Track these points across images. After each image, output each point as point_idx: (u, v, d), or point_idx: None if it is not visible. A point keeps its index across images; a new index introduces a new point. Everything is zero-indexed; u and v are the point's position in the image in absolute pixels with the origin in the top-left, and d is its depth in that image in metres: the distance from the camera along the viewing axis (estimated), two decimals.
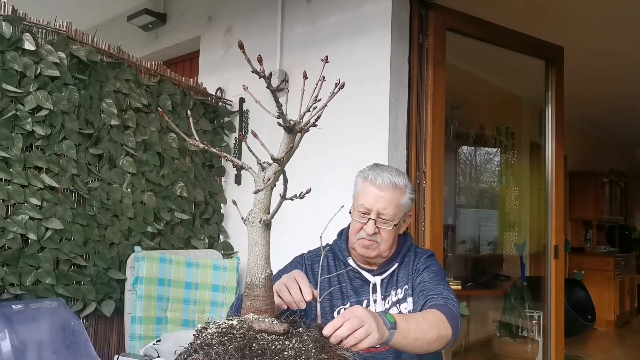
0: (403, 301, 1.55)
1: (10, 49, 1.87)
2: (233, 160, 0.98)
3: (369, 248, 1.52)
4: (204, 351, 0.85)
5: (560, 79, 2.97)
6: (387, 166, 1.60)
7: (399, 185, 1.52)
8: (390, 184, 1.50)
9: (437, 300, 1.40)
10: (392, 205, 1.50)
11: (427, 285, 1.49)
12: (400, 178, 1.53)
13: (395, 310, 1.53)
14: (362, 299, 1.55)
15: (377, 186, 1.50)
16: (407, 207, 1.56)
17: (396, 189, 1.51)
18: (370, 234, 1.50)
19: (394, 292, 1.56)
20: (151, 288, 2.19)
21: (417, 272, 1.57)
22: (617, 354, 5.14)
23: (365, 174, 1.56)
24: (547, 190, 2.95)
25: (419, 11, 2.43)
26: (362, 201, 1.52)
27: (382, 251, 1.53)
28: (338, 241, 1.66)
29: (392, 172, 1.54)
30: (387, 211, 1.49)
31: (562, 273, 2.95)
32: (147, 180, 2.39)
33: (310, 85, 0.90)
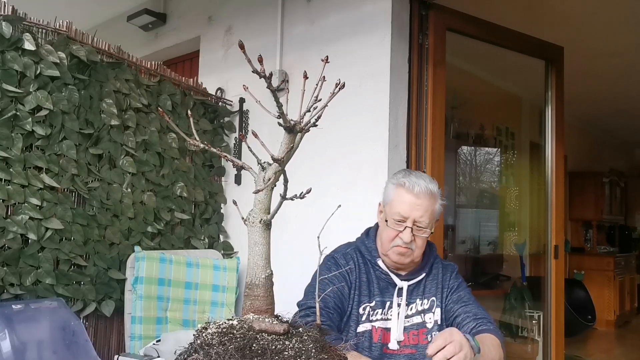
0: (428, 312, 1.58)
1: (10, 49, 1.87)
2: (233, 160, 0.98)
3: (404, 255, 1.53)
4: (204, 351, 0.85)
5: (560, 79, 2.97)
6: (419, 172, 1.59)
7: (434, 192, 1.53)
8: (427, 192, 1.50)
9: (487, 326, 1.48)
10: (428, 212, 1.51)
11: (471, 308, 1.55)
12: (433, 185, 1.54)
13: (419, 319, 1.57)
14: (386, 300, 1.56)
15: (415, 194, 1.50)
16: (438, 214, 1.57)
17: (432, 197, 1.52)
18: (408, 242, 1.50)
19: (419, 300, 1.59)
20: (151, 288, 2.19)
21: (451, 290, 1.61)
22: (617, 354, 5.14)
23: (400, 181, 1.54)
24: (547, 190, 2.95)
25: (419, 11, 2.43)
26: (398, 209, 1.51)
27: (415, 257, 1.55)
28: (366, 240, 1.65)
29: (426, 178, 1.54)
30: (423, 219, 1.50)
31: (562, 273, 2.95)
32: (147, 180, 2.39)
33: (310, 85, 0.90)
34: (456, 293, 1.60)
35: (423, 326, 1.57)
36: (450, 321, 1.57)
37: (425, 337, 1.57)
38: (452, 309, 1.58)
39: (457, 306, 1.56)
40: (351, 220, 2.25)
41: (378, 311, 1.55)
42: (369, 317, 1.55)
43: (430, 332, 1.57)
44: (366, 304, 1.56)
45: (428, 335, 1.56)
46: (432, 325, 1.58)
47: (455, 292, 1.60)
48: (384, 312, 1.55)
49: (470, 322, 1.50)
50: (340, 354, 0.94)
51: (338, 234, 1.73)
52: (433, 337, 1.54)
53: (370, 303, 1.56)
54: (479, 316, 1.51)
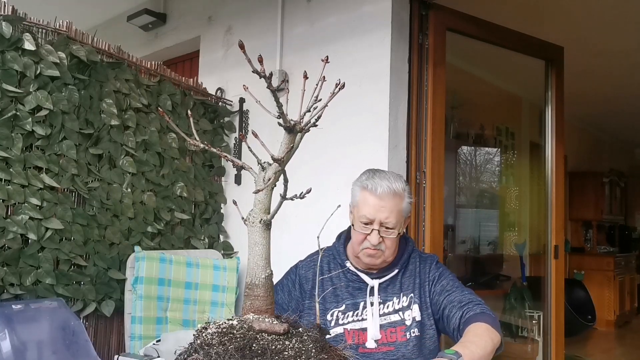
0: (407, 309, 1.55)
1: (10, 49, 1.87)
2: (233, 160, 0.98)
3: (374, 257, 1.51)
4: (204, 351, 0.85)
5: (560, 79, 2.97)
6: (384, 172, 1.56)
7: (399, 191, 1.50)
8: (390, 192, 1.48)
9: (474, 311, 1.43)
10: (394, 213, 1.48)
11: (455, 295, 1.50)
12: (398, 183, 1.51)
13: (397, 317, 1.55)
14: (359, 300, 1.55)
15: (378, 196, 1.48)
16: (407, 212, 1.55)
17: (396, 196, 1.49)
18: (375, 244, 1.48)
19: (396, 299, 1.56)
20: (151, 288, 2.19)
21: (432, 282, 1.57)
22: (617, 354, 5.14)
23: (363, 183, 1.52)
24: (547, 190, 2.95)
25: (419, 11, 2.43)
26: (364, 212, 1.49)
27: (386, 257, 1.53)
28: (337, 244, 1.66)
29: (389, 178, 1.51)
30: (389, 220, 1.48)
31: (562, 273, 2.95)
32: (147, 180, 2.39)
33: (310, 85, 0.90)
34: (439, 284, 1.56)
35: (402, 323, 1.55)
36: (440, 315, 1.53)
37: (403, 334, 1.54)
38: (437, 302, 1.54)
39: (442, 297, 1.53)
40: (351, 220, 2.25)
41: (349, 314, 1.54)
42: (338, 321, 1.54)
43: (409, 330, 1.54)
44: (334, 309, 1.55)
45: (407, 333, 1.54)
46: (411, 322, 1.54)
47: (438, 282, 1.57)
48: (356, 314, 1.54)
49: (457, 312, 1.46)
50: (340, 354, 0.94)
51: (338, 234, 1.73)
52: (412, 334, 1.53)
53: (339, 307, 1.55)
54: (464, 302, 1.47)
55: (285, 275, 1.69)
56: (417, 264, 1.61)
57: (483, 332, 1.34)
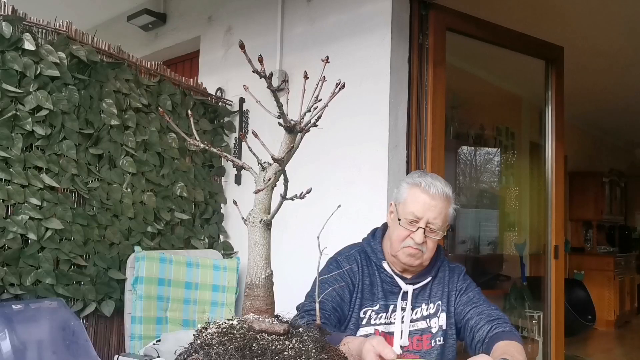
0: (434, 316, 1.55)
1: (10, 49, 1.87)
2: (234, 160, 0.98)
3: (414, 257, 1.50)
4: (204, 351, 0.85)
5: (560, 79, 2.97)
6: (434, 174, 1.56)
7: (449, 195, 1.51)
8: (443, 194, 1.49)
9: (503, 327, 1.43)
10: (442, 215, 1.48)
11: (483, 308, 1.51)
12: (449, 188, 1.52)
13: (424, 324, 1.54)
14: (390, 303, 1.54)
15: (431, 195, 1.47)
16: (451, 218, 1.55)
17: (447, 199, 1.50)
18: (419, 243, 1.47)
19: (425, 305, 1.56)
20: (151, 288, 2.19)
21: (459, 292, 1.58)
22: (617, 354, 5.14)
23: (416, 181, 1.51)
24: (547, 190, 2.95)
25: (419, 11, 2.43)
26: (412, 209, 1.48)
27: (425, 260, 1.52)
28: (372, 242, 1.62)
29: (441, 180, 1.52)
30: (437, 221, 1.48)
31: (562, 273, 2.95)
32: (147, 180, 2.39)
33: (310, 85, 0.90)
34: (465, 294, 1.57)
35: (428, 331, 1.54)
36: (462, 324, 1.53)
37: (429, 342, 1.54)
38: (462, 312, 1.54)
39: (468, 308, 1.53)
40: (351, 220, 2.25)
41: (382, 315, 1.53)
42: (370, 320, 1.52)
43: (435, 338, 1.54)
44: (368, 307, 1.53)
45: (432, 341, 1.54)
46: (437, 330, 1.54)
47: (464, 293, 1.58)
48: (387, 316, 1.53)
49: (485, 325, 1.46)
50: (340, 353, 0.94)
51: (338, 234, 1.72)
52: (437, 342, 1.53)
53: (374, 307, 1.53)
54: (493, 317, 1.47)
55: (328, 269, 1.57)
56: (446, 273, 1.61)
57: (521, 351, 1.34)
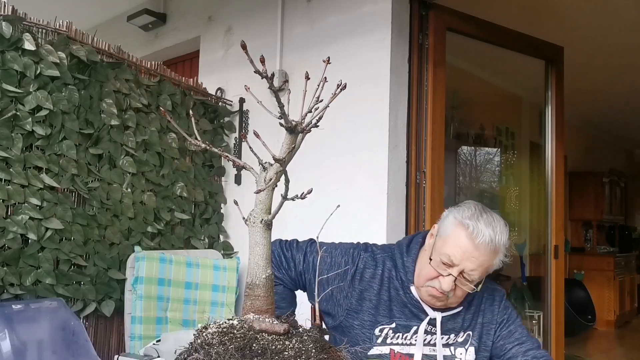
0: (460, 346, 1.41)
1: (10, 49, 1.87)
2: (234, 160, 0.97)
3: (436, 299, 1.33)
4: (204, 351, 0.85)
5: (560, 79, 2.97)
6: (492, 216, 1.32)
7: (498, 246, 1.29)
8: (490, 245, 1.27)
9: None
10: (483, 268, 1.29)
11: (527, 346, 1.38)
12: (501, 236, 1.29)
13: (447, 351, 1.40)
14: (413, 324, 1.39)
15: (475, 244, 1.26)
16: (495, 268, 1.34)
17: (493, 252, 1.28)
18: (446, 291, 1.29)
19: (454, 335, 1.41)
20: (151, 288, 2.19)
21: (500, 325, 1.42)
22: (617, 354, 5.14)
23: (464, 221, 1.30)
24: (547, 190, 2.95)
25: (419, 11, 2.44)
26: (449, 251, 1.28)
27: (449, 304, 1.36)
28: (405, 257, 1.43)
29: (495, 228, 1.29)
30: (474, 273, 1.28)
31: (562, 273, 2.95)
32: (147, 180, 2.39)
33: (310, 85, 0.90)
34: (506, 328, 1.42)
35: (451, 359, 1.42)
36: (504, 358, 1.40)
37: None
38: (503, 347, 1.40)
39: (510, 345, 1.39)
40: (351, 220, 2.25)
41: (399, 335, 1.39)
42: (386, 340, 1.39)
43: None
44: (384, 325, 1.39)
45: None
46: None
47: (505, 326, 1.42)
48: (405, 337, 1.39)
49: None
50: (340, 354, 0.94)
51: (338, 235, 1.72)
52: None
53: (390, 325, 1.39)
54: (539, 357, 1.36)
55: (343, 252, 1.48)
56: (483, 299, 1.44)
57: None
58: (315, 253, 1.49)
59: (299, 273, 1.50)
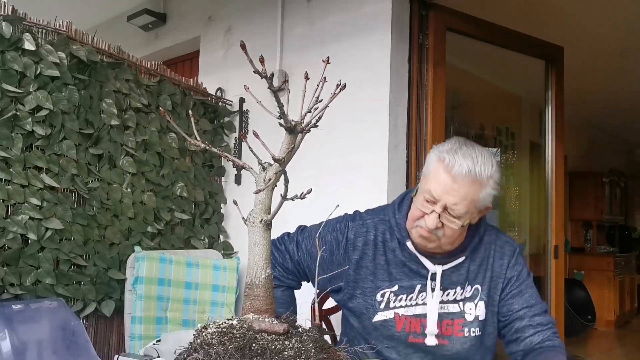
0: (469, 301, 1.36)
1: (10, 49, 1.87)
2: (234, 160, 0.98)
3: (427, 240, 1.29)
4: (204, 350, 0.85)
5: (560, 79, 2.97)
6: (473, 148, 1.27)
7: (481, 177, 1.24)
8: (469, 176, 1.22)
9: (552, 341, 1.32)
10: (466, 201, 1.24)
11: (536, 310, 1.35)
12: (484, 167, 1.25)
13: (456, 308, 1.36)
14: (415, 283, 1.35)
15: (452, 176, 1.22)
16: (485, 203, 1.30)
17: (475, 183, 1.24)
18: (432, 229, 1.26)
19: (460, 288, 1.36)
20: (151, 288, 2.19)
21: (508, 281, 1.38)
22: (617, 354, 5.14)
23: (441, 155, 1.26)
24: (547, 190, 2.95)
25: (419, 11, 2.44)
26: (430, 187, 1.25)
27: (442, 245, 1.30)
28: (397, 214, 1.40)
29: (475, 159, 1.24)
30: (457, 207, 1.23)
31: (562, 273, 2.95)
32: (147, 180, 2.39)
33: (310, 85, 0.90)
34: (516, 287, 1.36)
35: (460, 316, 1.36)
36: (507, 321, 1.36)
37: (461, 328, 1.35)
38: (511, 307, 1.36)
39: (518, 306, 1.35)
40: None
41: (402, 297, 1.35)
42: (389, 304, 1.36)
43: (469, 327, 1.35)
44: (386, 289, 1.36)
45: (465, 329, 1.35)
46: (473, 319, 1.35)
47: (515, 285, 1.37)
48: (410, 298, 1.35)
49: (534, 335, 1.31)
50: (340, 354, 0.94)
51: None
52: (472, 333, 1.36)
53: (392, 288, 1.35)
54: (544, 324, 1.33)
55: (330, 229, 1.47)
56: (492, 252, 1.39)
57: None
58: (307, 239, 1.49)
59: (296, 262, 1.50)
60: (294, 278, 1.53)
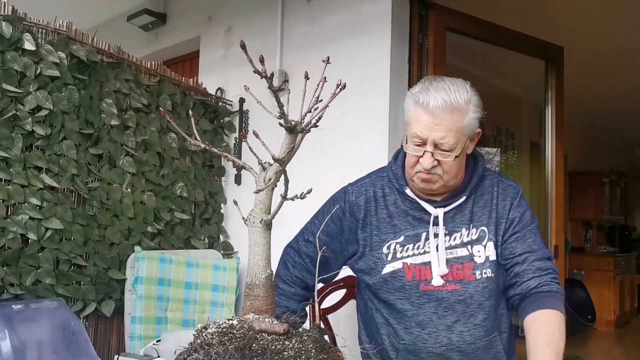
0: (476, 243, 1.35)
1: (10, 49, 1.87)
2: (234, 160, 0.98)
3: (430, 182, 1.30)
4: (204, 351, 0.85)
5: (560, 79, 2.97)
6: (443, 80, 1.29)
7: (459, 104, 1.24)
8: (447, 107, 1.23)
9: (549, 286, 1.33)
10: (452, 132, 1.24)
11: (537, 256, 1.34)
12: (459, 94, 1.25)
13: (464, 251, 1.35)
14: (420, 231, 1.36)
15: (431, 112, 1.23)
16: (471, 129, 1.29)
17: (455, 111, 1.24)
18: (428, 169, 1.27)
19: (465, 230, 1.36)
20: (151, 288, 2.19)
21: (511, 222, 1.37)
22: (617, 354, 5.14)
23: (415, 97, 1.27)
24: (547, 190, 2.95)
25: (419, 11, 2.44)
26: (415, 129, 1.27)
27: (446, 182, 1.31)
28: (393, 165, 1.43)
29: (448, 89, 1.25)
30: (446, 140, 1.24)
31: (562, 273, 2.95)
32: (147, 180, 2.39)
33: (310, 85, 0.90)
34: (520, 230, 1.36)
35: (470, 259, 1.34)
36: (509, 264, 1.35)
37: (472, 272, 1.34)
38: (513, 251, 1.35)
39: (520, 249, 1.34)
40: None
41: (408, 247, 1.35)
42: (395, 254, 1.36)
43: (480, 269, 1.34)
44: (391, 241, 1.36)
45: (476, 271, 1.34)
46: (484, 261, 1.34)
47: (518, 227, 1.36)
48: (417, 247, 1.35)
49: (532, 281, 1.31)
50: (340, 354, 0.94)
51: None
52: (483, 274, 1.34)
53: (397, 239, 1.36)
54: (543, 269, 1.33)
55: (331, 201, 1.50)
56: (495, 194, 1.39)
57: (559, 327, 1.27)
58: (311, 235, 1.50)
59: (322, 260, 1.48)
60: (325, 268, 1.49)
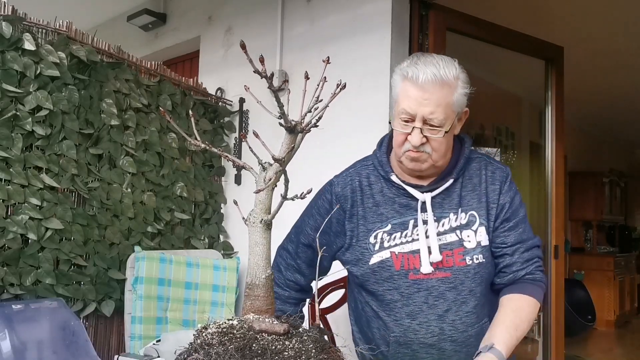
0: (466, 228, 1.32)
1: (10, 49, 1.87)
2: (234, 160, 0.98)
3: (419, 160, 1.28)
4: (204, 351, 0.85)
5: (560, 79, 2.97)
6: (431, 56, 1.27)
7: (448, 79, 1.23)
8: (437, 81, 1.21)
9: (534, 275, 1.31)
10: (441, 107, 1.22)
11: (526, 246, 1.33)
12: (448, 69, 1.23)
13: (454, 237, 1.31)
14: (408, 218, 1.32)
15: (420, 86, 1.21)
16: (460, 105, 1.28)
17: (444, 86, 1.22)
18: (417, 146, 1.24)
19: (453, 214, 1.32)
20: (151, 288, 2.19)
21: (501, 208, 1.34)
22: (617, 354, 5.14)
23: (403, 71, 1.25)
24: (547, 190, 2.95)
25: (419, 11, 2.44)
26: (403, 105, 1.24)
27: (435, 161, 1.29)
28: (378, 152, 1.40)
29: (437, 64, 1.23)
30: (435, 115, 1.22)
31: (562, 273, 2.95)
32: (147, 180, 2.39)
33: (310, 85, 0.90)
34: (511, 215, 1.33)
35: (459, 245, 1.31)
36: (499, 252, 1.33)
37: (462, 257, 1.30)
38: (505, 240, 1.33)
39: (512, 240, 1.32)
40: None
41: (396, 235, 1.33)
42: (383, 244, 1.33)
43: (471, 254, 1.31)
44: (378, 230, 1.33)
45: (467, 257, 1.30)
46: (475, 246, 1.31)
47: (509, 212, 1.34)
48: (405, 235, 1.32)
49: (520, 272, 1.31)
50: (340, 355, 0.94)
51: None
52: (475, 260, 1.31)
53: (384, 228, 1.33)
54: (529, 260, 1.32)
55: (319, 195, 1.48)
56: (483, 177, 1.36)
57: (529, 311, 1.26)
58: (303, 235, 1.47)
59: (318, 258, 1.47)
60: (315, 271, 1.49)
